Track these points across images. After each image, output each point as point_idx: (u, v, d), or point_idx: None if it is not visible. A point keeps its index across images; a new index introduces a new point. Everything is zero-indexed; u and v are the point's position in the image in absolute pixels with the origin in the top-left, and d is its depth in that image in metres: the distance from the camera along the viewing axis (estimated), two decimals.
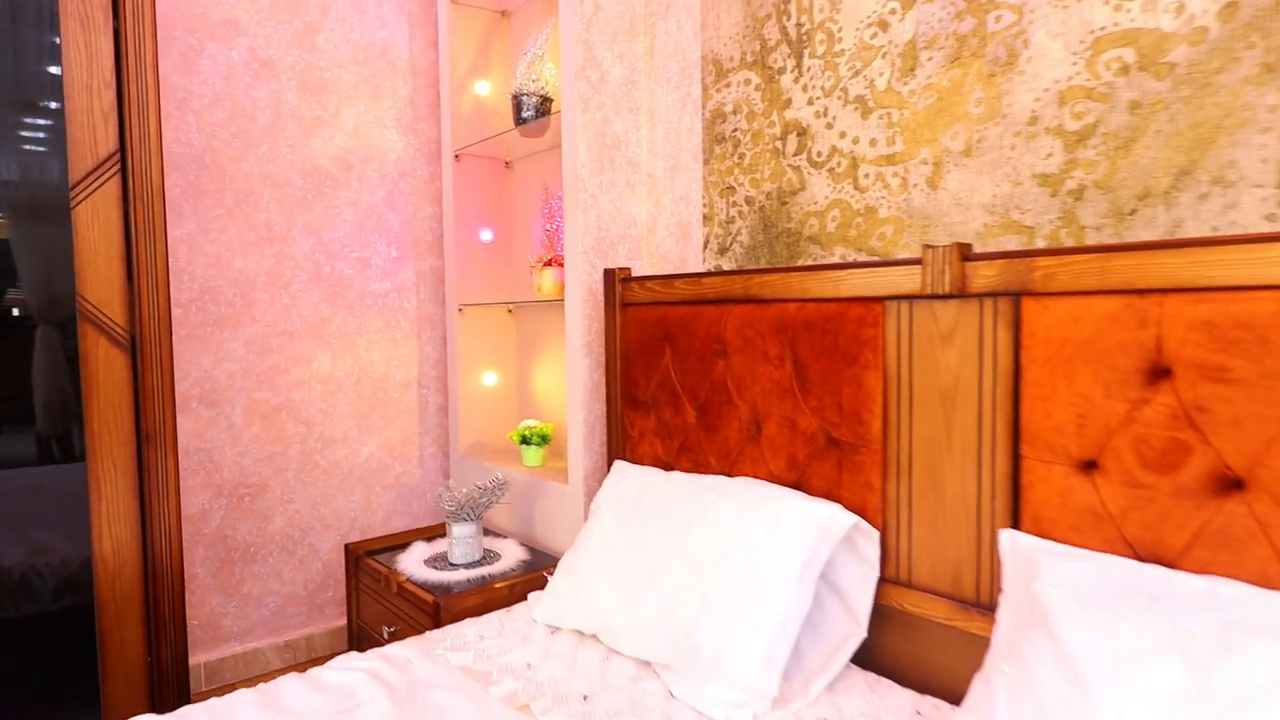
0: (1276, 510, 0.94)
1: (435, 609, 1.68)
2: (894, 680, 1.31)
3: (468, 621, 1.58)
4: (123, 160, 1.66)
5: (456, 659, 1.41)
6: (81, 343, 1.63)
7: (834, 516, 1.32)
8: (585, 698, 1.26)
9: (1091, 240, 1.26)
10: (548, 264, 2.20)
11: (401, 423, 2.61)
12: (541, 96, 2.16)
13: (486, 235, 2.52)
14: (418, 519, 2.66)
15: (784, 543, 1.30)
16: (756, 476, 1.52)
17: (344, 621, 2.44)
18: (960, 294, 1.22)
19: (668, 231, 2.02)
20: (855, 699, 1.24)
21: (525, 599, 1.72)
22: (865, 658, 1.35)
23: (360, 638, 2.07)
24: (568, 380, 2.00)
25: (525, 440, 2.27)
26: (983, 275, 1.19)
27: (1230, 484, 0.97)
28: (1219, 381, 0.97)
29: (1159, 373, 1.03)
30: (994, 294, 1.18)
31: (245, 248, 2.27)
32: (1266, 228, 1.09)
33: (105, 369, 1.65)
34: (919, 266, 1.26)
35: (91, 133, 1.62)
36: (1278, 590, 0.90)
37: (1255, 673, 0.81)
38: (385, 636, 1.89)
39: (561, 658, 1.41)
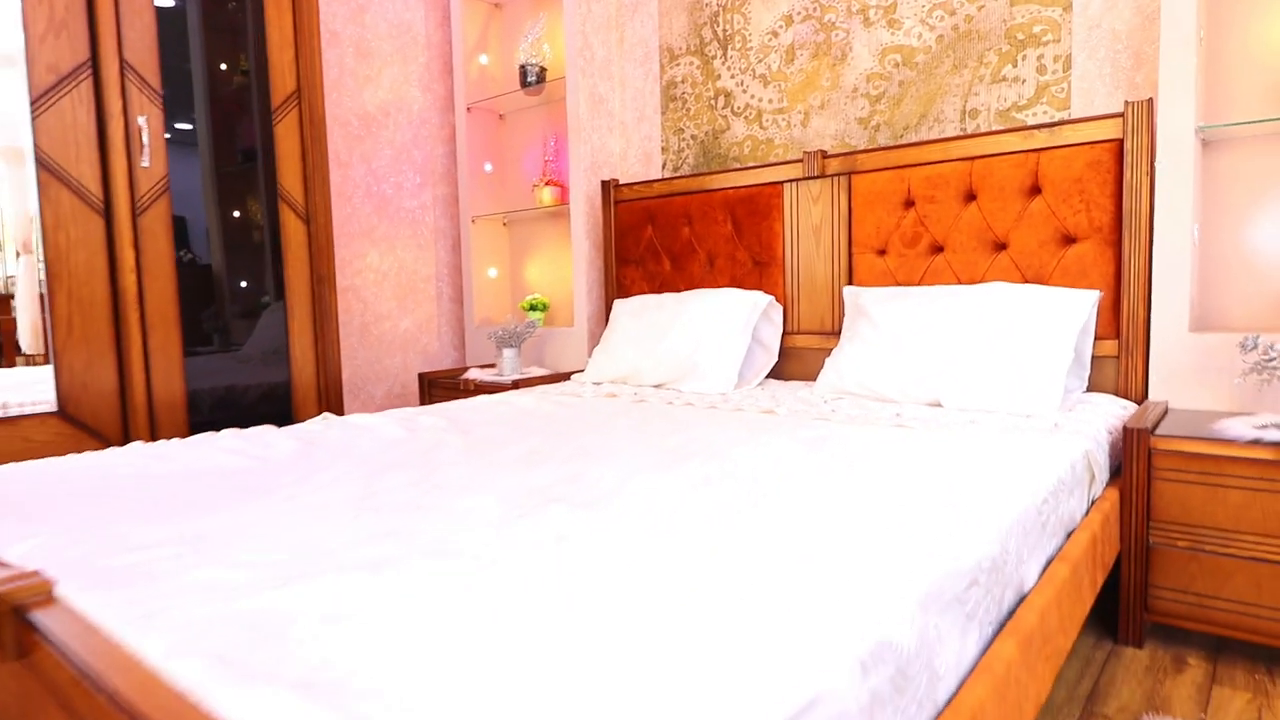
0: (954, 260, 2.17)
1: (514, 387, 2.69)
2: (792, 380, 2.49)
3: (538, 387, 2.61)
4: (299, 96, 2.53)
5: (547, 393, 2.44)
6: (281, 217, 2.50)
7: (759, 297, 2.48)
8: (636, 393, 2.35)
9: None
10: (548, 184, 3.22)
11: (425, 307, 3.54)
12: (541, 67, 3.17)
13: (488, 167, 3.49)
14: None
15: (732, 311, 2.44)
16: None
17: None
18: (821, 175, 2.40)
19: (635, 160, 3.11)
20: (772, 385, 2.41)
21: (565, 380, 2.77)
22: (778, 374, 2.53)
23: None
24: (573, 254, 3.04)
25: (533, 308, 3.28)
26: (832, 165, 2.38)
27: (937, 249, 2.21)
28: (931, 203, 2.20)
29: (909, 203, 2.25)
30: (838, 174, 2.37)
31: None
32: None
33: (292, 234, 2.53)
34: (800, 163, 2.44)
35: (282, 77, 2.49)
36: (950, 286, 2.13)
37: (947, 312, 2.02)
38: None
39: (610, 388, 2.48)
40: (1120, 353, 1.95)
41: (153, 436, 2.22)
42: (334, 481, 1.34)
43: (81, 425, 2.12)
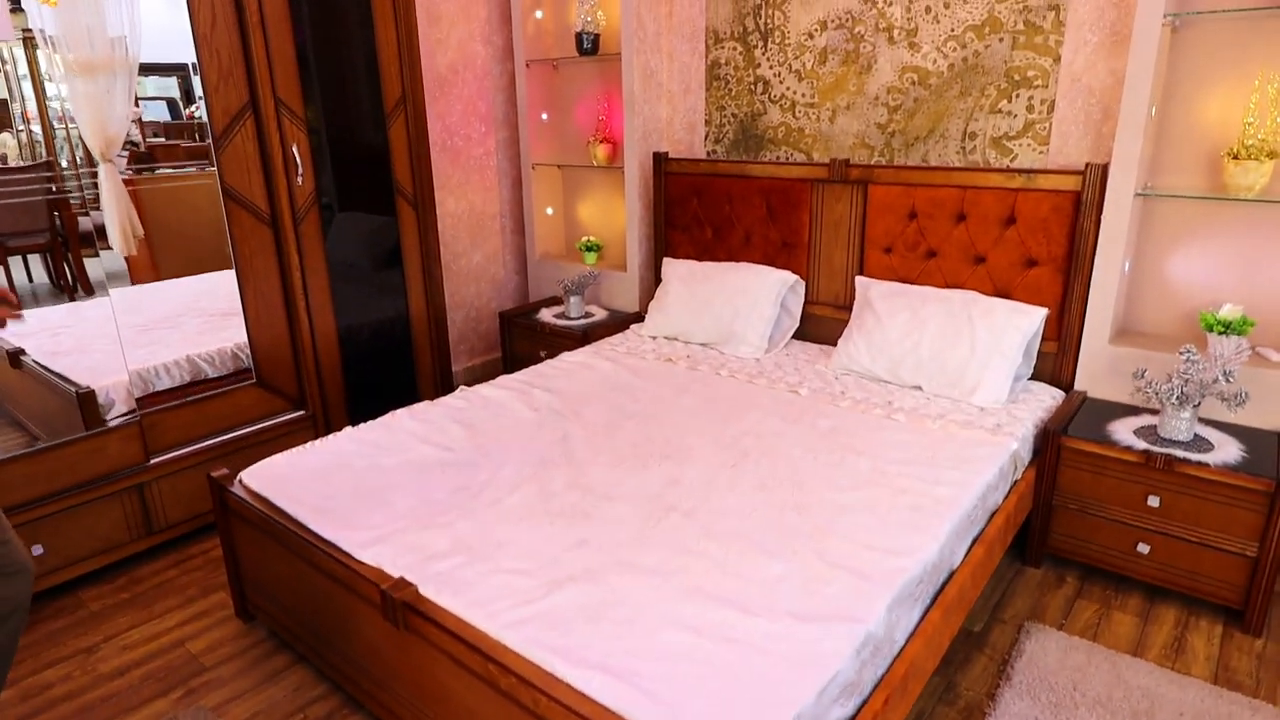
0: (945, 264, 2.77)
1: (584, 336, 3.35)
2: (811, 342, 3.16)
3: (605, 340, 3.27)
4: (405, 101, 2.97)
5: (616, 351, 3.11)
6: (397, 206, 3.04)
7: (787, 276, 3.08)
8: (688, 356, 3.02)
9: (897, 154, 2.98)
10: (602, 141, 3.67)
11: (492, 241, 4.09)
12: (595, 34, 3.52)
13: (544, 116, 3.90)
14: (504, 301, 4.22)
15: (767, 287, 3.06)
16: (748, 262, 3.25)
17: (483, 359, 4.06)
18: (844, 180, 2.93)
19: (680, 127, 3.56)
20: (795, 348, 3.08)
21: (625, 329, 3.42)
22: (799, 336, 3.19)
23: (512, 361, 3.71)
24: (627, 213, 3.57)
25: (588, 248, 3.85)
26: (853, 173, 2.90)
27: (932, 254, 2.80)
28: (930, 219, 2.76)
29: (913, 215, 2.80)
30: (858, 182, 2.90)
31: None
32: (956, 158, 2.84)
33: (405, 217, 3.08)
34: (827, 167, 2.95)
35: (391, 85, 2.92)
36: (941, 288, 2.74)
37: (933, 314, 2.65)
38: (542, 356, 3.54)
39: (665, 346, 3.14)
40: (1058, 352, 2.61)
41: (320, 389, 2.91)
42: (513, 485, 2.05)
43: (275, 390, 2.81)
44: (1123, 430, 2.31)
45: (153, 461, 2.51)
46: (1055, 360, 2.63)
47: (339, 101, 2.83)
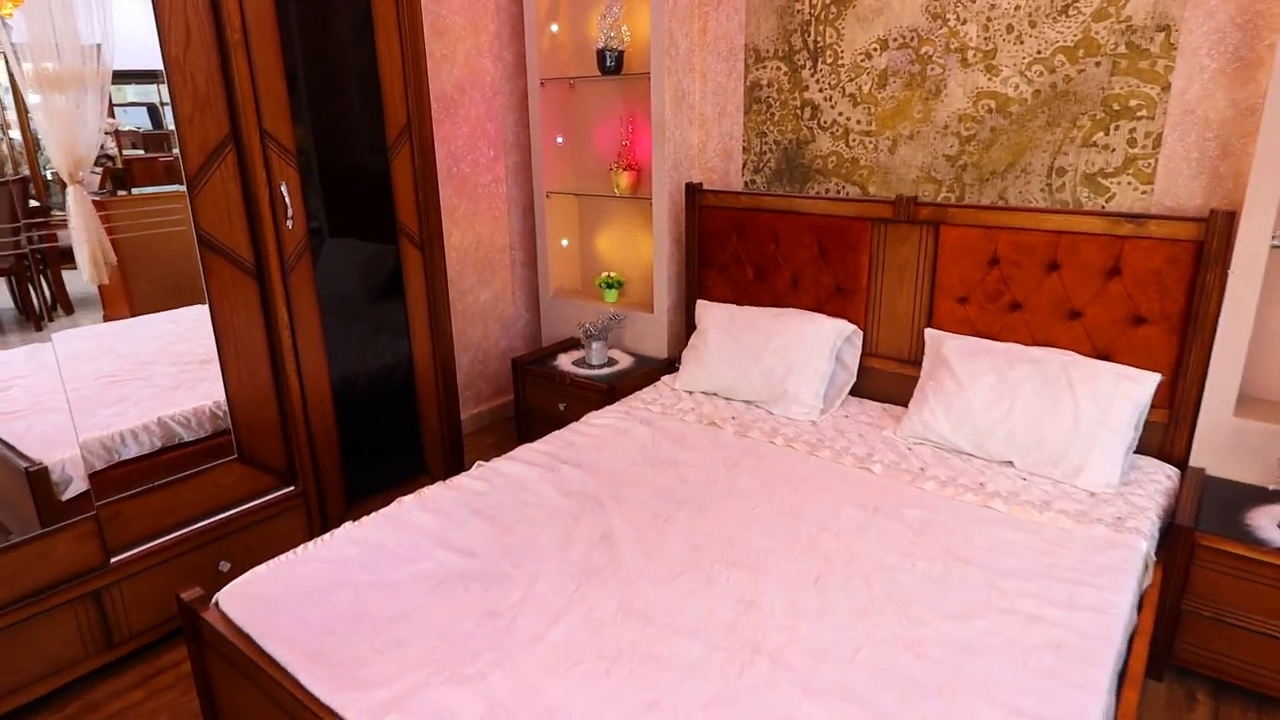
0: (1032, 318, 2.42)
1: (611, 390, 2.98)
2: (869, 399, 2.80)
3: (635, 395, 2.90)
4: (410, 129, 2.60)
5: (650, 411, 2.74)
6: (401, 248, 2.66)
7: (843, 326, 2.73)
8: (733, 418, 2.66)
9: (969, 191, 2.63)
10: (625, 168, 3.31)
11: (501, 276, 3.72)
12: (619, 51, 3.16)
13: (560, 139, 3.54)
14: (513, 341, 3.85)
15: (821, 339, 2.70)
16: (796, 308, 2.89)
17: (490, 405, 3.69)
18: (910, 220, 2.58)
19: (714, 154, 3.20)
20: (853, 407, 2.72)
21: (656, 380, 3.05)
22: (856, 392, 2.83)
23: (526, 413, 3.33)
24: (654, 249, 3.21)
25: (609, 285, 3.48)
26: (923, 213, 2.55)
27: (1016, 306, 2.45)
28: (1016, 266, 2.41)
29: (994, 261, 2.46)
30: (928, 222, 2.55)
31: None
32: (1040, 196, 2.50)
33: (410, 260, 2.70)
34: (892, 204, 2.60)
35: (395, 111, 2.55)
36: (1029, 346, 2.39)
37: (1025, 377, 2.30)
38: (561, 409, 3.17)
39: (705, 404, 2.78)
40: (1169, 422, 2.27)
41: (313, 459, 2.52)
42: (554, 610, 1.68)
43: (261, 466, 2.43)
44: (1264, 521, 1.96)
45: (114, 561, 2.11)
46: (1165, 431, 2.29)
47: (335, 132, 2.45)
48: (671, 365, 3.28)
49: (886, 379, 2.76)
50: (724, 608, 1.67)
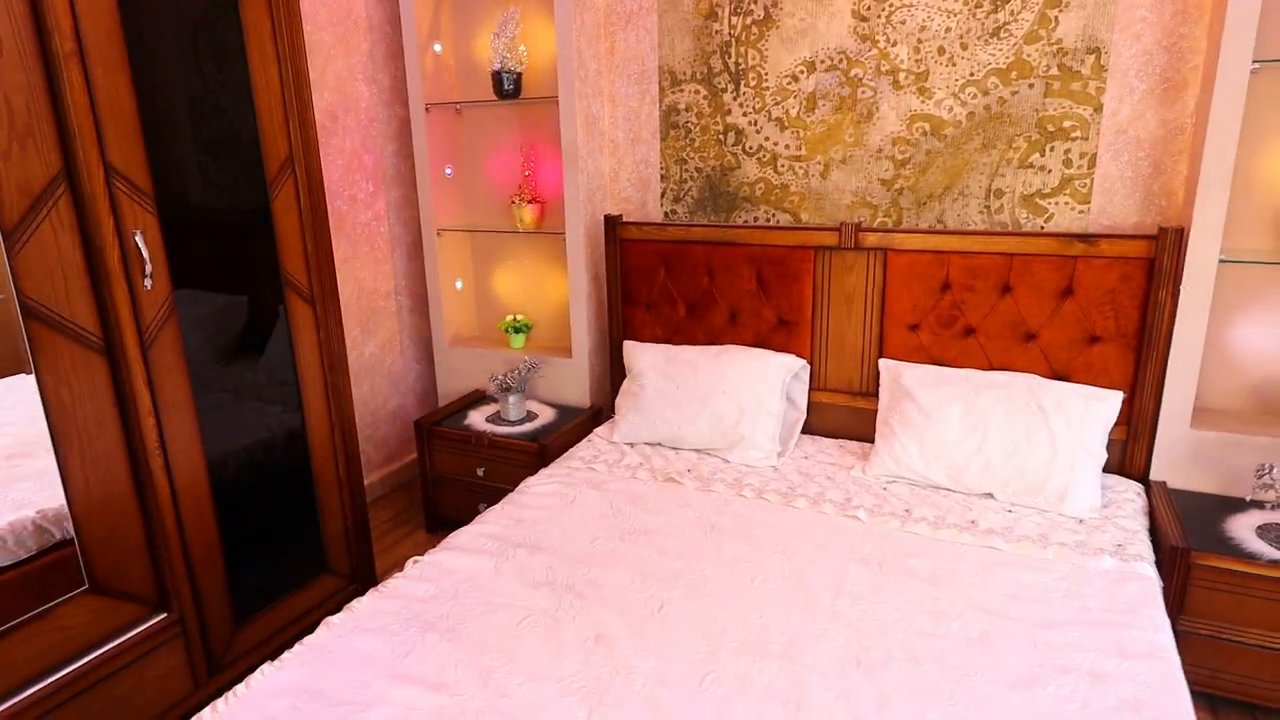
0: (988, 343, 2.37)
1: (541, 450, 2.65)
2: (821, 436, 2.65)
3: (570, 453, 2.59)
4: (293, 162, 2.17)
5: (595, 472, 2.44)
6: (288, 303, 2.20)
7: (791, 361, 2.57)
8: (689, 471, 2.41)
9: (907, 215, 2.56)
10: (529, 201, 3.00)
11: (387, 325, 3.28)
12: (517, 74, 2.87)
13: (449, 170, 3.17)
14: (405, 398, 3.40)
15: (771, 376, 2.52)
16: (737, 345, 2.70)
17: (381, 474, 3.21)
18: (856, 248, 2.47)
19: (629, 183, 2.97)
20: (809, 446, 2.57)
21: (587, 433, 2.75)
22: (806, 429, 2.67)
23: (435, 482, 2.92)
24: (570, 288, 2.92)
25: (515, 329, 3.14)
26: (869, 240, 2.45)
27: (970, 331, 2.39)
28: (969, 290, 2.36)
29: (946, 286, 2.39)
30: (875, 248, 2.45)
31: None
32: (979, 218, 2.47)
33: (300, 317, 2.25)
34: (836, 232, 2.48)
35: (275, 142, 2.11)
36: (985, 370, 2.34)
37: (994, 404, 2.23)
38: (479, 475, 2.79)
39: (654, 457, 2.52)
40: (1128, 438, 2.28)
41: (190, 575, 2.01)
42: None
43: (121, 594, 1.89)
44: (1243, 533, 1.98)
45: None
46: (1125, 448, 2.30)
47: (203, 166, 1.99)
48: (598, 414, 2.99)
49: (838, 413, 2.63)
50: (773, 714, 1.41)
